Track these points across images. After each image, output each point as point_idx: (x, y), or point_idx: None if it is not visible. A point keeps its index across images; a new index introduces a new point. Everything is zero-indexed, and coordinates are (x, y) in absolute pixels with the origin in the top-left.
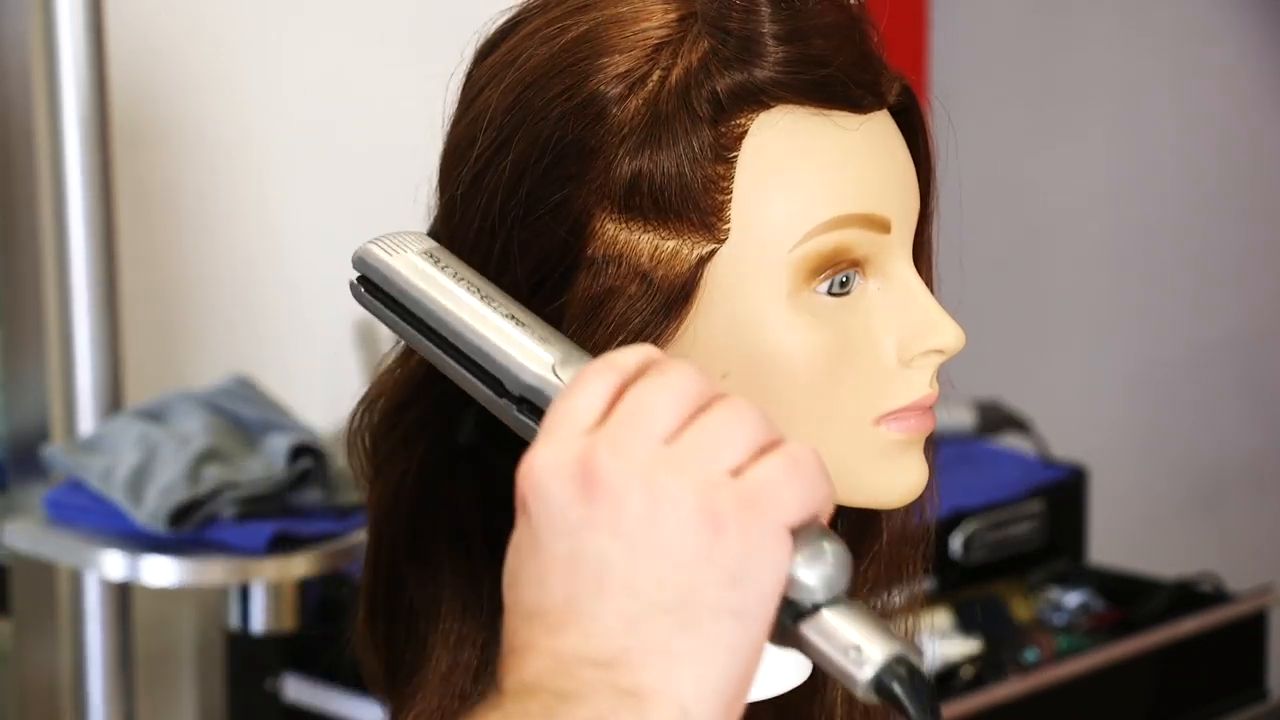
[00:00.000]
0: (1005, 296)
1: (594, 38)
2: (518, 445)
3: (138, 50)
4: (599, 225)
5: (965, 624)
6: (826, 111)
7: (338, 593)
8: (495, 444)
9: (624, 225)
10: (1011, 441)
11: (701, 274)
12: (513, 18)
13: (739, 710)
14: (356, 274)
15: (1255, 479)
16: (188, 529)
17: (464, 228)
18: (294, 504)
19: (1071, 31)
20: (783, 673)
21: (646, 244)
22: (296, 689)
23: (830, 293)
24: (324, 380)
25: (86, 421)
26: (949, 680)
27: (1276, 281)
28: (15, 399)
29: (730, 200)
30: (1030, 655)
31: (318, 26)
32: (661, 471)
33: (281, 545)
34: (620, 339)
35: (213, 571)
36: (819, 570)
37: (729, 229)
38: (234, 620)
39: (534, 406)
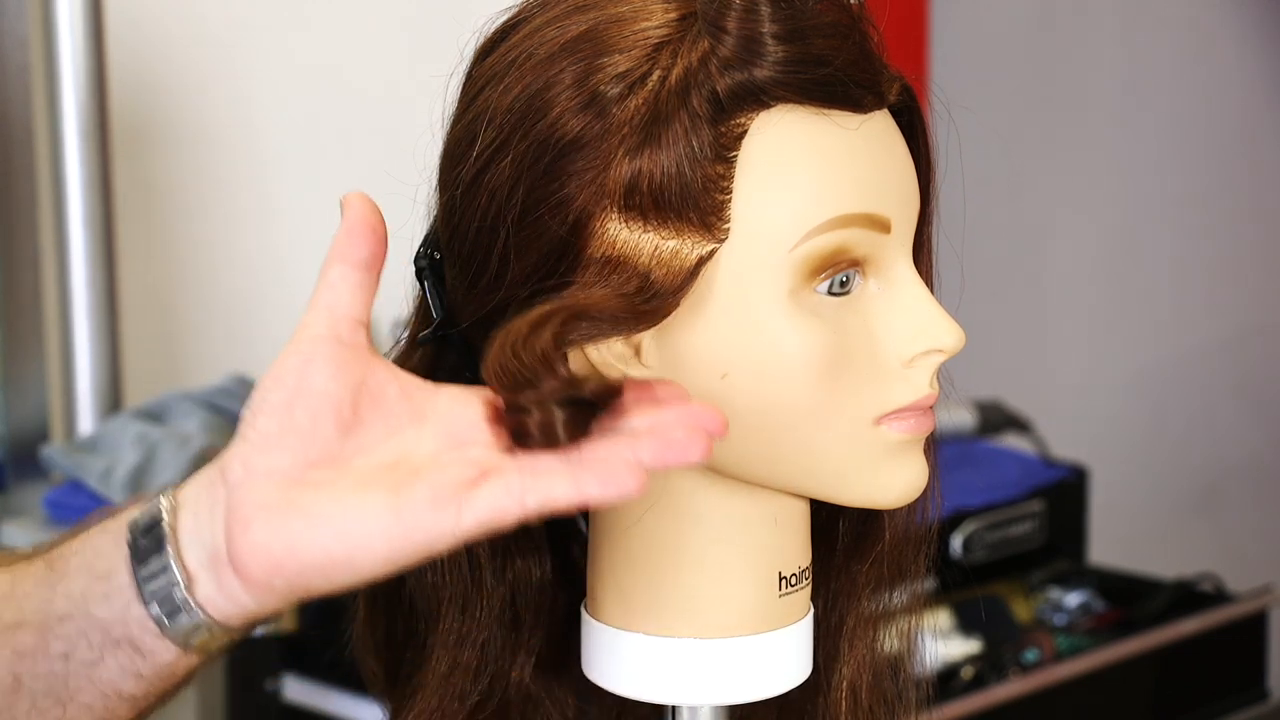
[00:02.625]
0: (1005, 296)
1: (594, 37)
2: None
3: (138, 50)
4: (599, 225)
5: (965, 624)
6: (827, 111)
7: (337, 593)
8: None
9: (624, 225)
10: (1011, 441)
11: (701, 274)
12: (513, 17)
13: None
14: None
15: (1255, 479)
16: None
17: (463, 228)
18: None
19: (1072, 31)
20: (784, 671)
21: (647, 244)
22: (296, 689)
23: (830, 292)
24: None
25: (86, 422)
26: (949, 680)
27: (1276, 281)
28: (15, 399)
29: (730, 200)
30: (1030, 655)
31: (318, 26)
32: None
33: None
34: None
35: None
36: None
37: (729, 229)
38: None
39: None
